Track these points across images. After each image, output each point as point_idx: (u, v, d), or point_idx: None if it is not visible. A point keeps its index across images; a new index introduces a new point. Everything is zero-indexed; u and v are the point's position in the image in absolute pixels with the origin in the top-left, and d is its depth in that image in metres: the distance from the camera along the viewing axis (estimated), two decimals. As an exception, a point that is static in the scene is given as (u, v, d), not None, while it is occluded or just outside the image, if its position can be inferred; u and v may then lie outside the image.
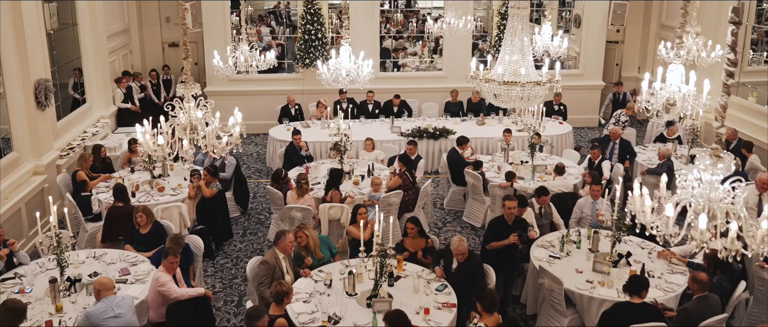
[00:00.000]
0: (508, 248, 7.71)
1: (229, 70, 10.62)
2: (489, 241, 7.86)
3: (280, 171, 9.86)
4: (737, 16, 4.68)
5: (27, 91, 9.87)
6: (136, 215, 8.07)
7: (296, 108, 13.89)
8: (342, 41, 9.92)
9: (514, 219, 7.85)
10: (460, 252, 7.11)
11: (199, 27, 15.30)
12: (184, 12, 7.38)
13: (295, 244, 7.40)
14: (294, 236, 7.41)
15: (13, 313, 5.79)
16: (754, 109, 12.34)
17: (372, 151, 11.45)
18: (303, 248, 7.56)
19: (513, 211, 7.84)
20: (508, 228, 7.77)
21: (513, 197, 8.02)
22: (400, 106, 14.17)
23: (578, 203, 8.98)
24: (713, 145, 4.60)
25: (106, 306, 6.14)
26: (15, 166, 9.60)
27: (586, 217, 8.76)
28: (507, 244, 7.67)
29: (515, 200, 7.93)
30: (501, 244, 7.70)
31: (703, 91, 6.42)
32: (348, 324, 6.36)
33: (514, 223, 7.82)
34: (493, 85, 7.21)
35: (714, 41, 10.36)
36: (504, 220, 7.87)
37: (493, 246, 7.77)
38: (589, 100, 16.01)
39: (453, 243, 7.16)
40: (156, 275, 6.83)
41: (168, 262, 6.84)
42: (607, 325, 6.33)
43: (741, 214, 4.29)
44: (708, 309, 6.36)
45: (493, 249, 7.77)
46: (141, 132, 6.68)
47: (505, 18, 12.09)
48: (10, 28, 9.47)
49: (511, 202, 7.85)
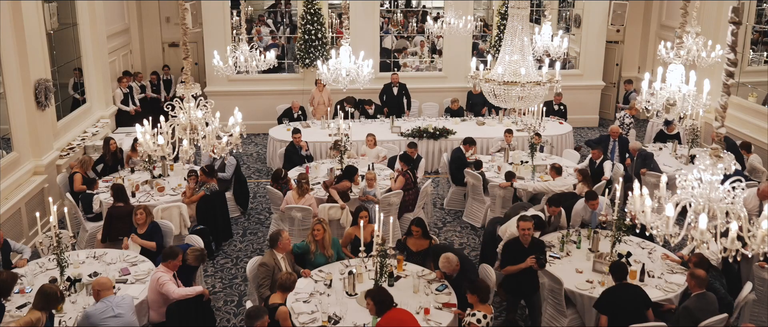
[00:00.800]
0: (525, 272, 7.25)
1: (229, 70, 10.61)
2: (505, 265, 7.40)
3: (280, 171, 9.86)
4: (737, 16, 4.67)
5: (27, 91, 9.87)
6: (137, 212, 8.07)
7: (300, 113, 13.88)
8: (342, 41, 9.90)
9: (530, 241, 7.34)
10: (452, 269, 7.04)
11: (199, 27, 15.30)
12: (184, 12, 7.38)
13: (291, 242, 7.42)
14: (311, 229, 7.57)
15: (47, 298, 5.88)
16: (754, 109, 12.34)
17: (374, 147, 11.41)
18: (316, 242, 7.56)
19: (528, 232, 7.30)
20: (525, 251, 7.27)
21: (528, 218, 7.47)
22: (399, 91, 14.15)
23: (575, 210, 8.74)
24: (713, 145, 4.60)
25: (106, 306, 6.13)
26: (15, 166, 9.60)
27: (586, 222, 8.73)
28: (523, 267, 7.21)
29: (531, 221, 7.38)
30: (517, 269, 7.24)
31: (703, 91, 6.42)
32: (348, 324, 6.36)
33: (530, 245, 7.32)
34: (493, 84, 7.21)
35: (714, 41, 10.36)
36: (520, 243, 7.35)
37: (509, 270, 7.33)
38: (589, 100, 16.01)
39: (442, 265, 7.01)
40: (156, 275, 6.83)
41: (179, 261, 6.86)
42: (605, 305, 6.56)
43: (741, 214, 4.29)
44: (708, 306, 6.38)
45: (509, 273, 7.36)
46: (141, 132, 6.68)
47: (505, 18, 12.09)
48: (10, 28, 9.46)
49: (526, 223, 7.31)
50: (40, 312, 5.77)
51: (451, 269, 7.02)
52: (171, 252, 6.90)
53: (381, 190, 9.69)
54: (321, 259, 7.59)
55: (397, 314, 6.01)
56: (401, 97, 14.20)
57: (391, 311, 5.99)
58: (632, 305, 6.49)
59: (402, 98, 14.22)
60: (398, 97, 14.17)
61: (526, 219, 7.41)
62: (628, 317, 6.37)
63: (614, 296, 6.56)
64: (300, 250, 7.66)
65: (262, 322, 5.79)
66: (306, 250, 7.63)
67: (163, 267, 6.85)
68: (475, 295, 6.27)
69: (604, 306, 6.55)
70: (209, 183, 9.58)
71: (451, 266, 6.99)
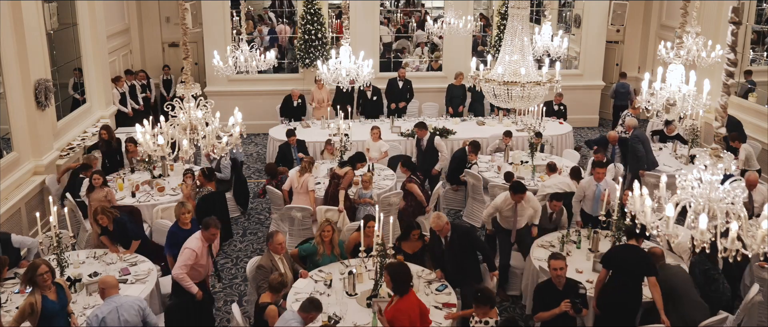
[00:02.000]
0: (561, 317, 6.49)
1: (229, 70, 10.62)
2: (537, 312, 6.70)
3: (274, 165, 9.89)
4: (737, 16, 4.67)
5: (27, 91, 9.87)
6: (98, 218, 7.80)
7: (299, 102, 13.88)
8: (342, 41, 9.90)
9: (564, 283, 6.56)
10: (440, 228, 7.14)
11: (199, 27, 15.30)
12: (184, 12, 7.39)
13: (287, 242, 7.39)
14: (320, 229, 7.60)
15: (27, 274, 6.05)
16: (754, 109, 12.34)
17: (378, 141, 11.26)
18: (324, 242, 7.54)
19: (562, 273, 6.49)
20: (559, 294, 6.50)
21: (560, 255, 6.69)
22: (404, 85, 14.17)
23: (581, 184, 8.94)
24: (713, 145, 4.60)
25: (111, 307, 5.96)
26: (15, 166, 9.60)
27: (588, 198, 8.77)
28: (557, 313, 6.44)
29: (563, 259, 6.57)
30: (551, 314, 6.47)
31: (703, 91, 6.42)
32: (348, 324, 6.37)
33: (565, 287, 6.53)
34: (493, 84, 7.22)
35: (714, 41, 10.36)
36: (553, 286, 6.57)
37: (542, 317, 6.58)
38: (589, 100, 16.01)
39: (432, 222, 7.14)
40: (188, 243, 6.99)
41: (210, 233, 6.99)
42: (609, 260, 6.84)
43: (741, 214, 4.29)
44: (673, 277, 6.74)
45: (543, 320, 6.62)
46: (141, 132, 6.68)
47: (505, 18, 12.08)
48: (10, 28, 9.46)
49: (558, 262, 6.48)
50: (34, 296, 5.94)
51: (440, 226, 7.18)
52: (205, 224, 7.00)
53: (381, 190, 9.68)
54: (328, 260, 7.56)
55: (403, 305, 5.87)
56: (405, 92, 14.21)
57: (402, 302, 5.88)
58: (632, 264, 6.69)
59: (406, 94, 14.22)
60: (402, 92, 14.17)
61: (557, 257, 6.61)
62: (626, 276, 6.69)
63: (619, 254, 6.81)
64: (306, 253, 7.64)
65: (313, 315, 5.93)
66: (313, 251, 7.59)
67: (200, 235, 7.02)
68: (480, 304, 6.15)
69: (608, 261, 6.79)
70: (205, 187, 9.51)
71: (441, 223, 7.18)
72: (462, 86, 14.12)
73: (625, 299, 6.69)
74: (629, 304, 6.73)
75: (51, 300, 6.01)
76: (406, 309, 5.86)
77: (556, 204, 8.47)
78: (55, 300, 6.04)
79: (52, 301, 6.02)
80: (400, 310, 5.86)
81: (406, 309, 5.86)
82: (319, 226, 7.74)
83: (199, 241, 7.01)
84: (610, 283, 6.79)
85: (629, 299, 6.70)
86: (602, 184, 8.65)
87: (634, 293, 6.70)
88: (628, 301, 6.71)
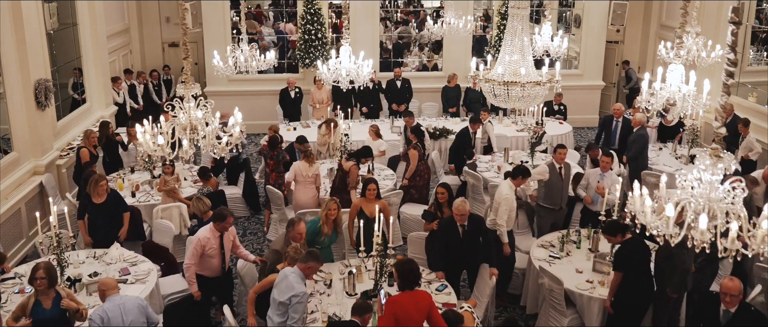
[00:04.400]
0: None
1: (228, 70, 10.61)
2: None
3: (276, 137, 9.95)
4: (737, 16, 4.67)
5: (27, 91, 9.87)
6: (99, 185, 8.00)
7: (296, 91, 13.87)
8: (342, 41, 9.90)
9: None
10: (463, 213, 7.15)
11: (199, 27, 15.30)
12: (184, 12, 7.39)
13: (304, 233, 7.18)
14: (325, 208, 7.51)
15: None
16: (754, 109, 12.34)
17: (376, 140, 11.22)
18: (328, 221, 7.46)
19: None
20: None
21: None
22: (402, 85, 14.20)
23: (586, 173, 8.99)
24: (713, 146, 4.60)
25: (114, 305, 5.89)
26: (15, 166, 9.60)
27: (591, 187, 8.78)
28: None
29: None
30: None
31: (703, 91, 6.43)
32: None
33: None
34: (493, 84, 7.22)
35: (714, 41, 10.36)
36: None
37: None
38: (589, 100, 16.01)
39: (457, 207, 7.16)
40: (199, 234, 7.01)
41: (226, 223, 7.03)
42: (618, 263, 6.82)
43: (741, 214, 4.29)
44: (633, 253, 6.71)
45: None
46: (141, 132, 6.67)
47: (505, 18, 12.08)
48: (10, 28, 9.47)
49: None
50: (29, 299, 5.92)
51: (464, 212, 7.17)
52: (219, 214, 7.01)
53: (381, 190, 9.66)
54: (330, 242, 7.53)
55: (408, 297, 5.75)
56: (404, 92, 14.21)
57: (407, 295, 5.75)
58: (639, 257, 6.73)
59: (405, 93, 14.22)
60: (402, 92, 14.17)
61: None
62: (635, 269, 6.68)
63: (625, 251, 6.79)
64: (310, 230, 7.40)
65: (312, 266, 6.00)
66: (317, 231, 7.43)
67: (211, 226, 7.04)
68: None
69: (617, 264, 6.76)
70: (205, 186, 9.48)
71: (466, 210, 7.18)
72: (457, 87, 14.13)
73: (636, 296, 6.68)
74: (638, 303, 6.75)
75: (43, 308, 5.85)
76: (412, 301, 5.68)
77: (561, 152, 8.75)
78: (48, 308, 5.86)
79: (43, 309, 5.85)
80: (402, 301, 5.67)
81: (412, 301, 5.68)
82: (325, 204, 7.52)
83: (208, 232, 7.03)
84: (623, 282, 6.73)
85: (639, 296, 6.69)
86: (607, 175, 8.67)
87: (648, 287, 6.73)
88: (637, 300, 6.72)
